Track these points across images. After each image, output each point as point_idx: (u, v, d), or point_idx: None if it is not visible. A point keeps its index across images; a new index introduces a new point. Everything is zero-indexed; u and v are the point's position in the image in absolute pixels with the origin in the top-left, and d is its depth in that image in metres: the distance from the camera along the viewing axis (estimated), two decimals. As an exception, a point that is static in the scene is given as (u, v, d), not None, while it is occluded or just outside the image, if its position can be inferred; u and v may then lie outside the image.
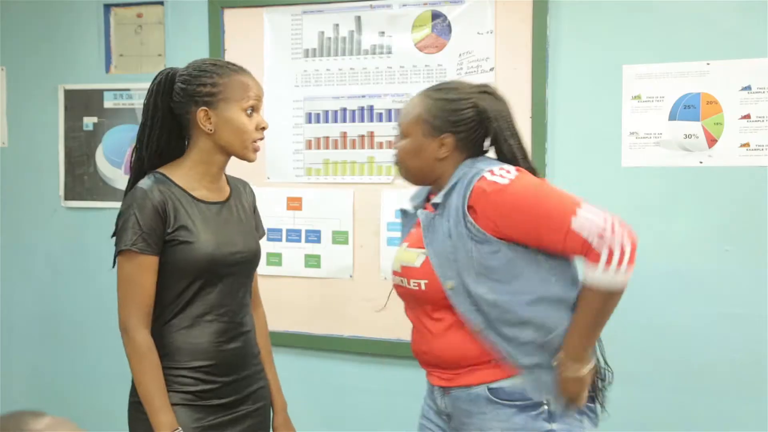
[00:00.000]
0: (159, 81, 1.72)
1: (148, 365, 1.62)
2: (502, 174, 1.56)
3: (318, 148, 2.62)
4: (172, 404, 1.63)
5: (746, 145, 2.21)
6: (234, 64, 1.75)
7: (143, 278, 1.63)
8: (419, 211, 1.68)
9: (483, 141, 1.69)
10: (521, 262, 1.56)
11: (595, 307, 1.54)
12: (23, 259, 3.04)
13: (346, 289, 2.61)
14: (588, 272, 1.52)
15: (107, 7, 2.89)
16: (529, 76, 2.37)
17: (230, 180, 1.83)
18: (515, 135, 1.66)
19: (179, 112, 1.71)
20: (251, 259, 1.80)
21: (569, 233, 1.49)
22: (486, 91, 1.67)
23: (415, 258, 1.64)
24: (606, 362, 1.69)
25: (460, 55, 2.45)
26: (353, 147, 2.59)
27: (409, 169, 1.71)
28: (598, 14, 2.33)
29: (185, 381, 1.66)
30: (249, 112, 1.70)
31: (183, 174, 1.71)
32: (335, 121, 2.60)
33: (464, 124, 1.64)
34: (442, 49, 2.47)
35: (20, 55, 2.99)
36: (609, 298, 1.52)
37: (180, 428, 1.61)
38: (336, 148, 2.61)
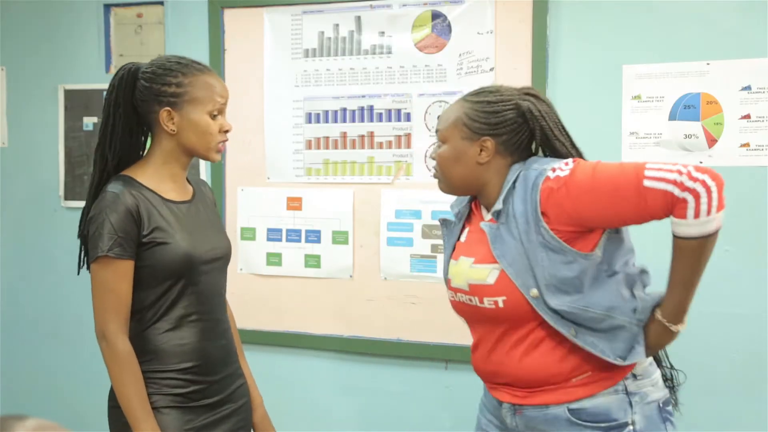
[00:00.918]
0: (121, 76, 1.69)
1: (129, 373, 1.59)
2: (562, 167, 1.51)
3: (318, 148, 2.62)
4: (162, 407, 1.62)
5: (746, 145, 2.21)
6: (200, 64, 1.70)
7: (120, 284, 1.60)
8: (482, 224, 1.58)
9: (529, 144, 1.63)
10: (589, 274, 1.50)
11: (693, 258, 1.45)
12: (23, 259, 3.04)
13: (346, 289, 2.61)
14: (678, 225, 1.43)
15: (107, 7, 2.89)
16: (529, 76, 2.37)
17: (190, 179, 1.81)
18: (565, 133, 1.62)
19: (142, 110, 1.69)
20: (225, 256, 1.79)
21: (647, 193, 1.41)
22: (529, 92, 1.62)
23: (487, 275, 1.55)
24: (671, 365, 1.67)
25: (460, 55, 2.45)
26: (353, 147, 2.59)
27: (451, 178, 1.63)
28: (598, 14, 2.33)
29: (175, 383, 1.65)
30: (214, 114, 1.67)
31: (150, 175, 1.69)
32: (335, 121, 2.60)
33: (505, 126, 1.58)
34: (442, 49, 2.47)
35: (20, 55, 2.99)
36: (705, 244, 1.43)
37: None
38: (336, 148, 2.61)
